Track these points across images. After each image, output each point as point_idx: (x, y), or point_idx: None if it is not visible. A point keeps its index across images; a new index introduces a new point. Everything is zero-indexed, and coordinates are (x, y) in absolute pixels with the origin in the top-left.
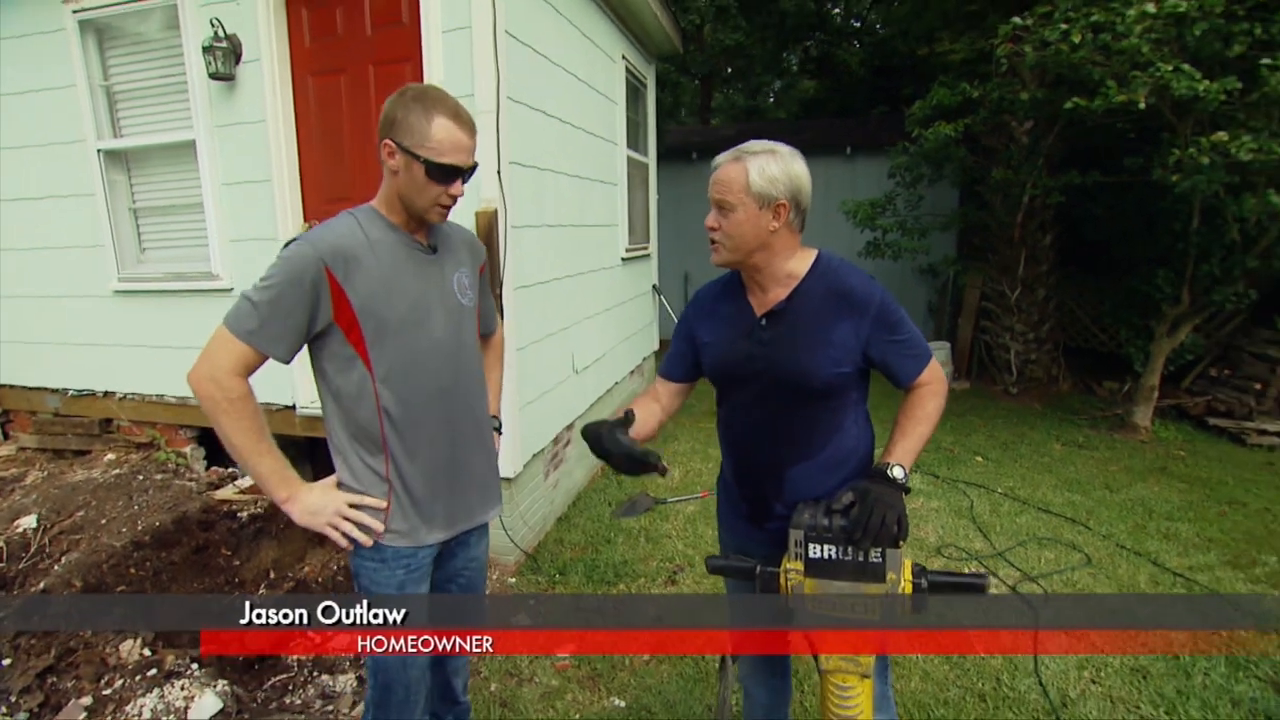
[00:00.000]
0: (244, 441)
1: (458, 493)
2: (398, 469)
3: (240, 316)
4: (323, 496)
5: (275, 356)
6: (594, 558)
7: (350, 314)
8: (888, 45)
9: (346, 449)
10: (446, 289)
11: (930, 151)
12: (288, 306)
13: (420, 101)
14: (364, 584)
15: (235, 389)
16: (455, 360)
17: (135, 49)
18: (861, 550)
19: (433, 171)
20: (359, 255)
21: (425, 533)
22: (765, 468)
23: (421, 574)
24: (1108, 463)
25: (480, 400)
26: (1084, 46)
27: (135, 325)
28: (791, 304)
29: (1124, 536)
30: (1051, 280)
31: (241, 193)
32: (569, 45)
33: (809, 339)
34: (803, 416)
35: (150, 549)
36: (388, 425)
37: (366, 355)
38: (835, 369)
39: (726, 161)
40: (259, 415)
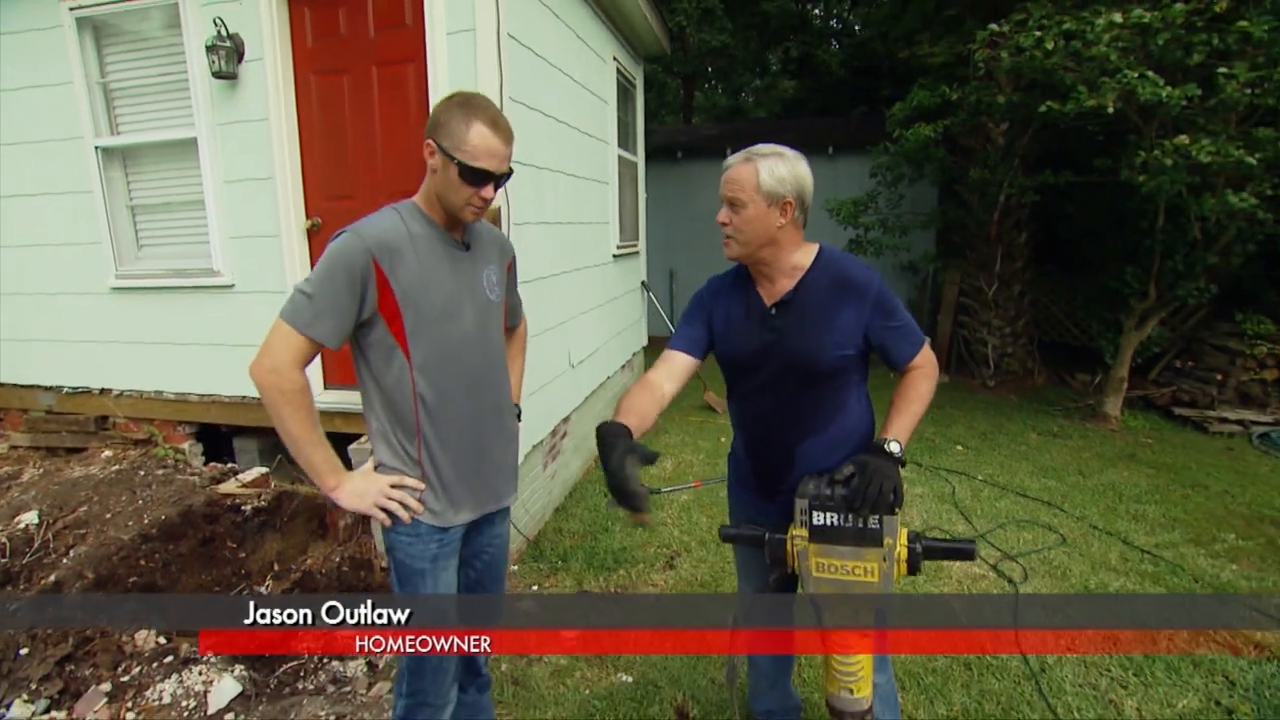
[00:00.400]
0: (301, 431)
1: (483, 477)
2: (430, 453)
3: (297, 309)
4: (365, 481)
5: (329, 345)
6: (593, 545)
7: (393, 304)
8: (867, 47)
9: (387, 432)
10: (477, 285)
11: (910, 152)
12: (339, 296)
13: (463, 107)
14: (399, 558)
15: (296, 381)
16: (483, 352)
17: (134, 47)
18: (861, 517)
19: (466, 174)
20: (401, 249)
21: (453, 514)
22: (777, 445)
23: (452, 548)
24: (1081, 450)
25: (504, 391)
26: (1056, 53)
27: (133, 322)
28: (799, 294)
29: (1096, 518)
30: (1027, 276)
31: (243, 190)
32: (565, 47)
33: (816, 325)
34: (811, 397)
35: (158, 541)
36: (422, 412)
37: (406, 345)
38: (840, 352)
39: (738, 162)
40: (314, 407)
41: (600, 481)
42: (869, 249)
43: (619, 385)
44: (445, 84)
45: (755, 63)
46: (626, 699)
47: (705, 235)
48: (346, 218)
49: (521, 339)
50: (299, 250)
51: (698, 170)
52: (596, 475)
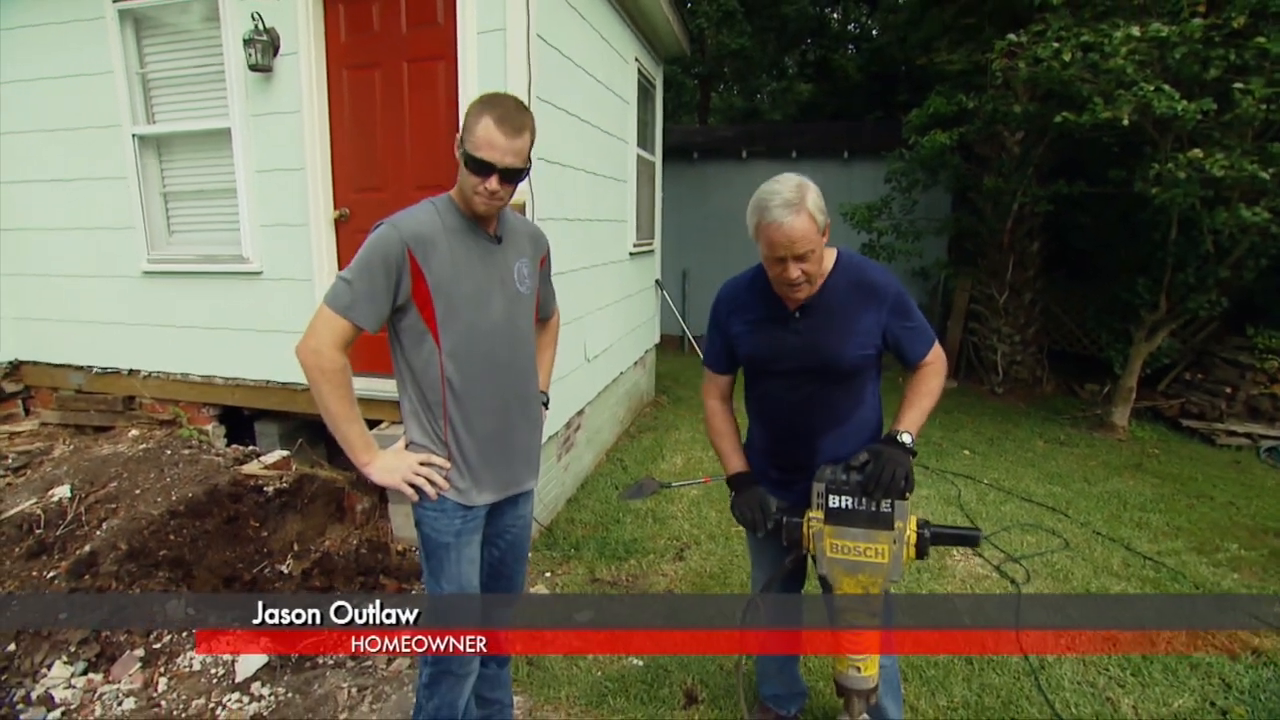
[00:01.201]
0: (340, 409)
1: (506, 460)
2: (455, 435)
3: (338, 295)
4: (396, 458)
5: (367, 328)
6: (605, 535)
7: (426, 292)
8: (884, 52)
9: (418, 411)
10: (507, 277)
11: (926, 158)
12: (376, 283)
13: (480, 104)
14: (425, 531)
15: (337, 361)
16: (510, 341)
17: (173, 39)
18: (874, 501)
19: (469, 163)
20: (435, 240)
21: (476, 494)
22: (800, 438)
23: (475, 525)
24: (1087, 458)
25: (530, 380)
26: (1074, 64)
27: (162, 305)
28: (821, 297)
29: (1100, 524)
30: (1038, 285)
31: (274, 180)
32: (590, 48)
33: (839, 327)
34: (833, 393)
35: (185, 517)
36: (449, 395)
37: (436, 331)
38: (860, 352)
39: (790, 218)
40: (352, 387)
41: (610, 475)
42: (882, 254)
43: (631, 381)
44: (474, 82)
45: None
46: (637, 681)
47: (719, 236)
48: (374, 210)
49: (553, 331)
50: (326, 240)
51: (713, 171)
52: (608, 469)
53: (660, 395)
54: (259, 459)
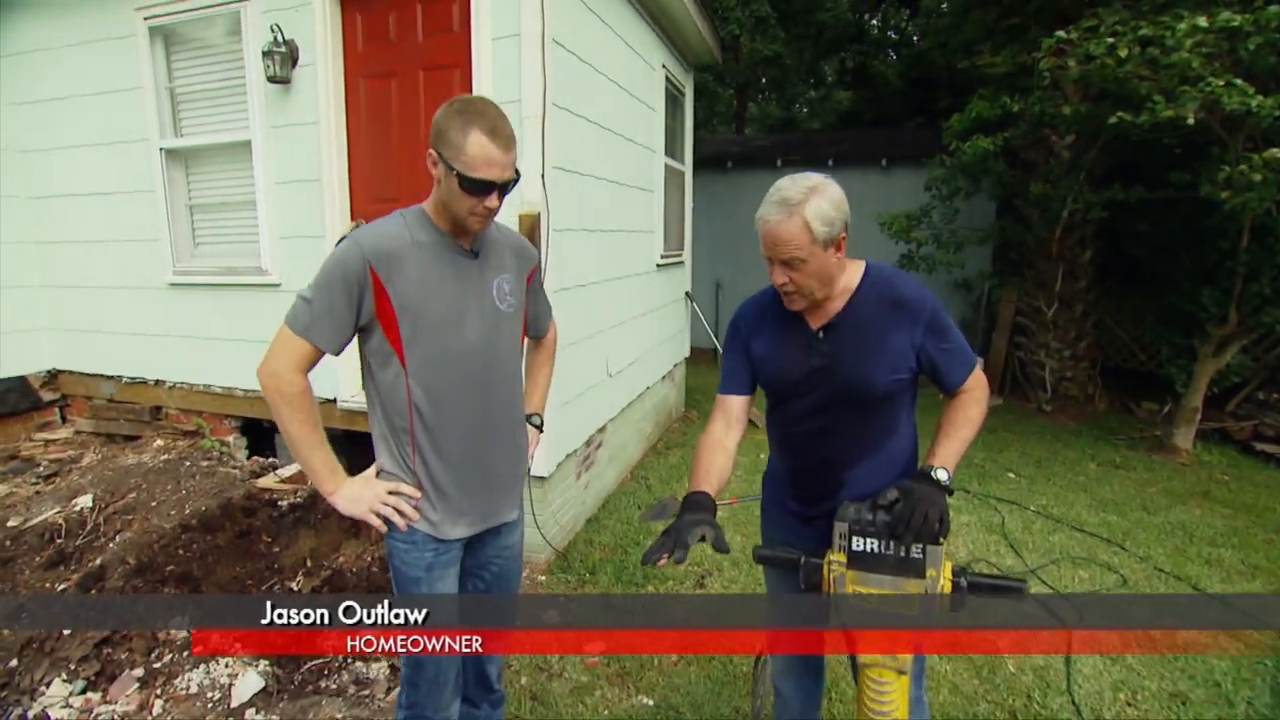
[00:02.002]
0: (300, 434)
1: (485, 489)
2: (424, 462)
3: (297, 314)
4: (363, 486)
5: (327, 350)
6: (623, 559)
7: (390, 311)
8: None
9: (387, 437)
10: (485, 293)
11: (968, 164)
12: (336, 303)
13: (462, 115)
14: (395, 564)
15: (296, 384)
16: (488, 363)
17: (199, 53)
18: (903, 545)
19: (465, 184)
20: (402, 256)
21: (450, 526)
22: (824, 470)
23: (450, 559)
24: (1146, 484)
25: (512, 404)
26: (1130, 60)
27: (186, 317)
28: (847, 315)
29: (1162, 560)
30: (1090, 297)
31: (292, 192)
32: (611, 53)
33: (867, 349)
34: (861, 421)
35: (197, 531)
36: (416, 420)
37: (402, 352)
38: (893, 376)
39: (779, 218)
40: (315, 410)
41: (633, 494)
42: (921, 265)
43: (659, 395)
44: (490, 89)
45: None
46: None
47: (753, 247)
48: None
49: (549, 348)
50: None
51: (748, 180)
52: (631, 487)
53: (690, 410)
54: (275, 472)
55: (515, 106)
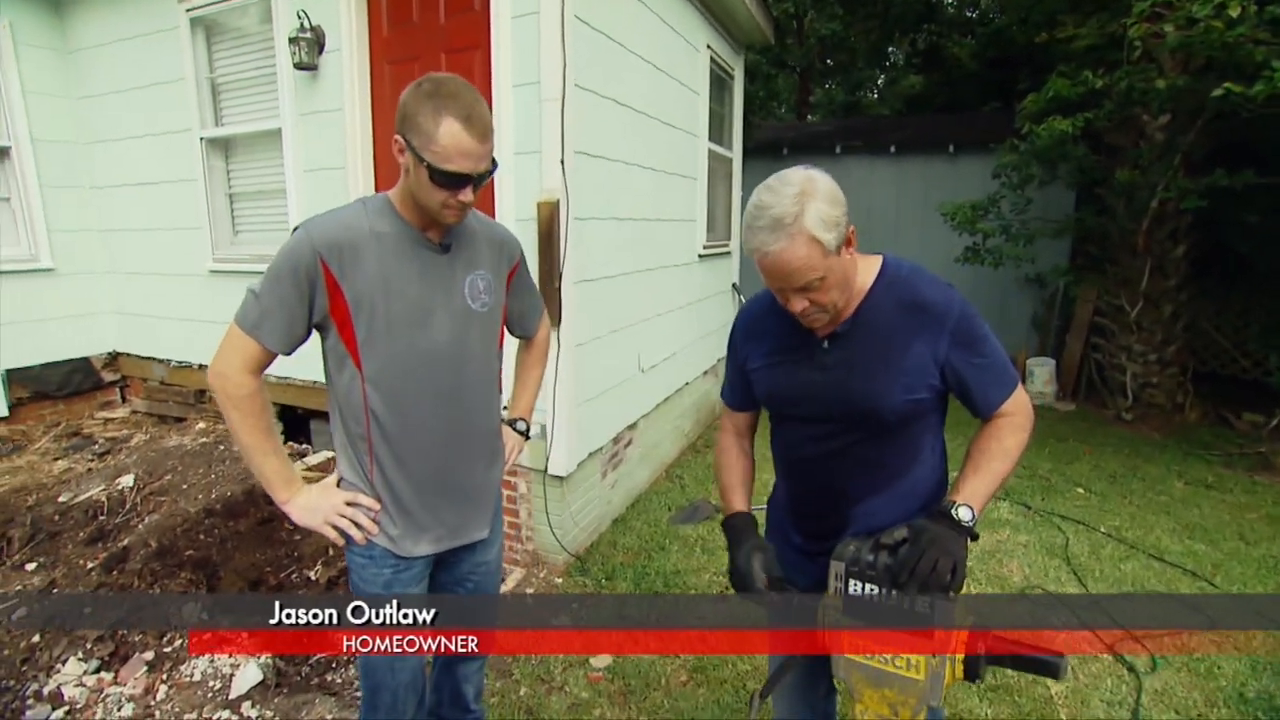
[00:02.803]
0: (251, 440)
1: (453, 506)
2: (383, 475)
3: (245, 311)
4: (320, 495)
5: (275, 349)
6: (645, 564)
7: (344, 309)
8: (1003, 35)
9: (345, 446)
10: (454, 292)
11: (1043, 149)
12: (286, 298)
13: (432, 99)
14: (353, 579)
15: (245, 385)
16: (457, 368)
17: (235, 43)
18: (907, 595)
19: (437, 177)
20: (358, 247)
21: (410, 543)
22: (831, 503)
23: (413, 577)
24: (1244, 509)
25: (485, 411)
26: (1244, 22)
27: (224, 303)
28: (858, 322)
29: (1262, 601)
30: (1181, 297)
31: (320, 179)
32: (646, 32)
33: (881, 363)
34: (873, 450)
35: (220, 517)
36: (374, 429)
37: (357, 354)
38: (909, 396)
39: (779, 245)
40: (267, 414)
41: (666, 493)
42: (987, 258)
43: (699, 391)
44: (508, 70)
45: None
46: None
47: None
48: None
49: (539, 349)
50: None
51: None
52: (665, 486)
53: None
54: (303, 460)
55: (534, 88)
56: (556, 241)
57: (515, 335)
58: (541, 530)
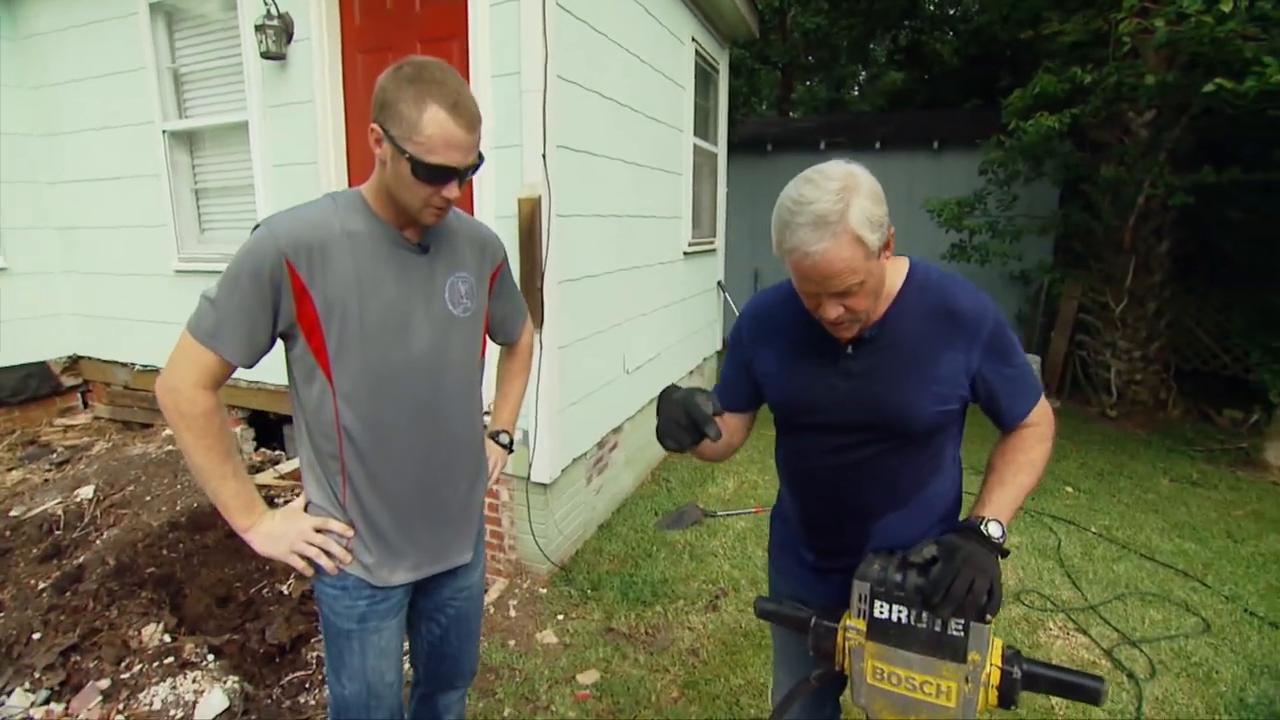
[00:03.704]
0: (206, 462)
1: (433, 530)
2: (357, 497)
3: (199, 319)
4: (285, 522)
5: (236, 362)
6: (632, 572)
7: (313, 315)
8: (985, 32)
9: (314, 465)
10: (434, 296)
11: (1029, 146)
12: (246, 304)
13: (414, 84)
14: (324, 612)
15: (200, 402)
16: (438, 379)
17: (198, 30)
18: (939, 618)
19: (420, 170)
20: (328, 248)
21: (389, 572)
22: (847, 517)
23: (391, 608)
24: (1230, 506)
25: (468, 424)
26: (1234, 17)
27: (193, 305)
28: (886, 327)
29: (1253, 600)
30: (1165, 293)
31: (290, 174)
32: (631, 23)
33: (911, 372)
34: (898, 460)
35: (185, 530)
36: (347, 448)
37: (327, 365)
38: (940, 407)
39: (824, 245)
40: (225, 433)
41: (652, 497)
42: (973, 255)
43: None
44: (487, 60)
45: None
46: None
47: None
48: None
49: (523, 355)
50: None
51: (788, 164)
52: (651, 489)
53: None
54: (275, 467)
55: (514, 79)
56: (538, 239)
57: (497, 342)
58: (524, 539)
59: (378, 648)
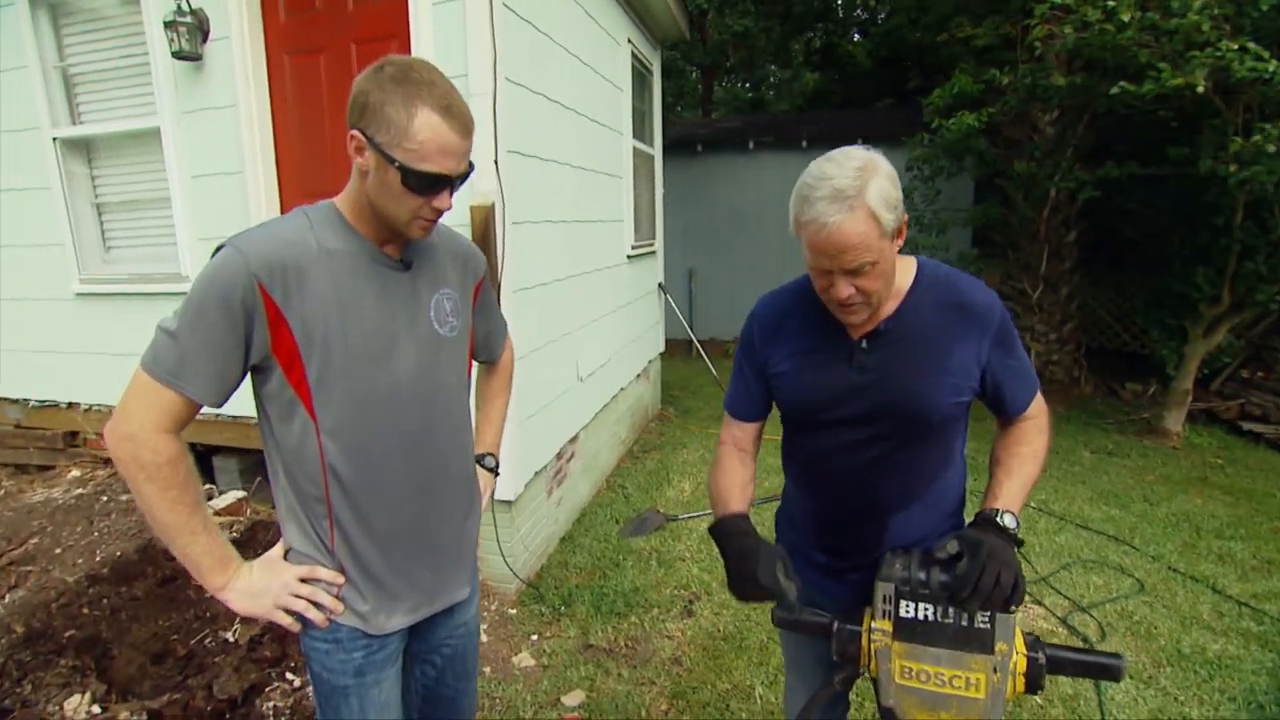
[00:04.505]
0: (173, 518)
1: (429, 567)
2: (347, 540)
3: (158, 354)
4: (265, 575)
5: (204, 401)
6: (601, 584)
7: (291, 345)
8: (894, 35)
9: (296, 510)
10: (420, 316)
11: (951, 143)
12: (212, 336)
13: (401, 85)
14: (315, 669)
15: (162, 450)
16: (427, 406)
17: (91, 26)
18: (967, 612)
19: (410, 179)
20: (305, 269)
21: (385, 618)
22: (865, 515)
23: (388, 656)
24: (1143, 472)
25: (460, 451)
26: (1132, 26)
27: (100, 331)
28: (899, 322)
29: (1174, 558)
30: (1075, 278)
31: (212, 185)
32: (573, 25)
33: (926, 364)
34: (913, 455)
35: (109, 583)
36: (334, 487)
37: (309, 399)
38: (955, 398)
39: (840, 216)
40: (193, 482)
41: (610, 505)
42: (904, 249)
43: (634, 396)
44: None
45: (778, 53)
46: None
47: (725, 232)
48: None
49: (504, 373)
50: None
51: (718, 164)
52: (608, 497)
53: (666, 408)
54: (209, 502)
55: (462, 81)
56: (493, 248)
57: (479, 360)
58: (491, 559)
59: (378, 703)
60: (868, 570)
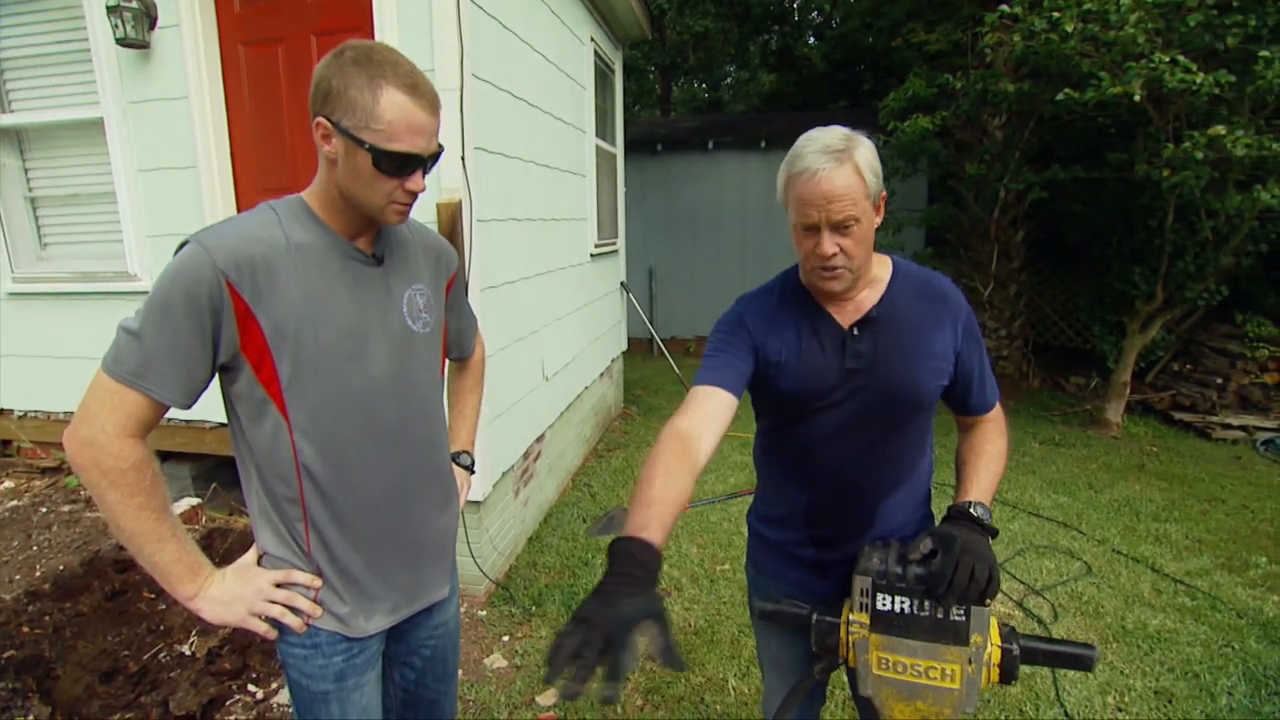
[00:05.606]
0: (139, 525)
1: (409, 566)
2: (323, 542)
3: (120, 354)
4: (238, 582)
5: (171, 402)
6: (571, 583)
7: (261, 343)
8: (849, 39)
9: (269, 513)
10: (393, 312)
11: (906, 145)
12: (178, 335)
13: (364, 67)
14: (294, 676)
15: (125, 455)
16: (401, 403)
17: (21, 8)
18: (943, 606)
19: (381, 161)
20: (274, 265)
21: (364, 619)
22: (856, 501)
23: (368, 659)
24: (1086, 461)
25: (435, 448)
26: (1074, 36)
27: (36, 333)
28: (884, 309)
29: (1117, 540)
30: (1023, 277)
31: (163, 180)
32: (537, 22)
33: (912, 348)
34: (899, 438)
35: (51, 600)
36: (309, 488)
37: (281, 398)
38: (938, 381)
39: (829, 166)
40: (159, 487)
41: (577, 503)
42: None
43: (597, 395)
44: None
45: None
46: None
47: (686, 231)
48: None
49: (476, 370)
50: None
51: (678, 163)
52: (574, 496)
53: (629, 407)
54: None
55: (428, 77)
56: (460, 245)
57: (451, 357)
58: (461, 561)
59: (360, 707)
60: (849, 565)
